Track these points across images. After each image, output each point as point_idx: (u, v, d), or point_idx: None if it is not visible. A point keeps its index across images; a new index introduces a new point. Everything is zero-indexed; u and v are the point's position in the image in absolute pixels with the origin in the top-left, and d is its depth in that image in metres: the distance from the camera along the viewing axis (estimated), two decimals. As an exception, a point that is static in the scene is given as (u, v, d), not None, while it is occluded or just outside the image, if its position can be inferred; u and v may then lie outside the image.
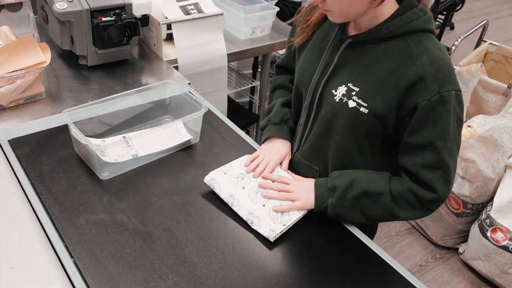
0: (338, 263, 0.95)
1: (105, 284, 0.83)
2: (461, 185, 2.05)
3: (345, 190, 0.98)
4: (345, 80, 0.97)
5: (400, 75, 0.91)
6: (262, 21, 1.95)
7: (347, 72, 0.98)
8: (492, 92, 2.24)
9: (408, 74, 0.90)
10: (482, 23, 2.48)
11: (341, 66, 0.99)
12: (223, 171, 1.07)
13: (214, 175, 1.06)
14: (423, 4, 0.93)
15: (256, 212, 0.99)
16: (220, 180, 1.05)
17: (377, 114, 0.94)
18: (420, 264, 2.17)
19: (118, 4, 1.44)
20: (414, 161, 0.95)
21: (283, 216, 0.99)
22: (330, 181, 1.01)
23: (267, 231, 0.96)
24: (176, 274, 0.87)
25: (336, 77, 0.99)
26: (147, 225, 0.96)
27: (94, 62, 1.50)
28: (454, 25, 4.77)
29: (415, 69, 0.89)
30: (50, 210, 0.96)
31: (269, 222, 0.98)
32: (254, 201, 1.01)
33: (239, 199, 1.01)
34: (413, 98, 0.90)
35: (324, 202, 1.00)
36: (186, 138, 1.19)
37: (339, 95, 0.98)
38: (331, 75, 1.00)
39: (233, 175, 1.06)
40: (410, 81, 0.89)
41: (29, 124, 1.21)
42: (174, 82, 1.25)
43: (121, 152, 1.11)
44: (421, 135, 0.92)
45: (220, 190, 1.03)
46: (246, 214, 0.99)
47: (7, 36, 1.37)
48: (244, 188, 1.04)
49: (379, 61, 0.93)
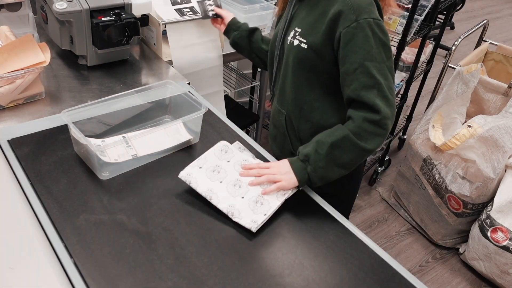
0: (338, 263, 0.95)
1: (104, 284, 0.83)
2: (462, 185, 2.05)
3: (315, 153, 1.07)
4: (294, 26, 1.19)
5: (327, 13, 1.10)
6: (262, 21, 1.95)
7: (296, 20, 1.19)
8: (492, 92, 2.24)
9: (332, 10, 1.08)
10: (482, 23, 2.48)
11: (293, 18, 1.21)
12: (198, 165, 1.07)
13: (189, 170, 1.06)
14: None
15: (236, 205, 1.00)
16: (196, 175, 1.05)
17: (314, 47, 1.12)
18: (420, 264, 2.17)
19: (117, 4, 1.44)
20: (353, 86, 1.07)
21: (263, 206, 1.01)
22: (300, 154, 1.10)
23: (248, 222, 0.97)
24: (176, 274, 0.87)
25: (290, 26, 1.21)
26: (147, 225, 0.96)
27: (94, 62, 1.50)
28: (454, 25, 4.77)
29: (336, 6, 1.08)
30: (49, 210, 0.96)
31: (249, 213, 0.99)
32: (233, 194, 1.02)
33: (218, 193, 1.02)
34: (336, 30, 1.07)
35: (304, 174, 1.07)
36: (186, 138, 1.19)
37: (290, 39, 1.18)
38: (287, 26, 1.22)
39: (208, 169, 1.06)
40: (333, 15, 1.07)
41: (28, 124, 1.20)
42: (174, 82, 1.25)
43: (120, 152, 1.11)
44: (350, 61, 1.06)
45: (197, 185, 1.03)
46: (226, 207, 1.00)
47: (6, 36, 1.37)
48: (221, 182, 1.04)
49: (314, 7, 1.14)
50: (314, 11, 1.14)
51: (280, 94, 1.27)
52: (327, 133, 1.10)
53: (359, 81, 1.06)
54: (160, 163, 1.14)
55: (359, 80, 1.06)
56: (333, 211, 1.07)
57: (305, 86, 1.19)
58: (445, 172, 2.10)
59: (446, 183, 2.10)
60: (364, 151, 1.07)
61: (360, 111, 1.07)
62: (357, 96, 1.07)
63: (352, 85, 1.07)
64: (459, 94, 2.17)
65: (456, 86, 2.18)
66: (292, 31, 1.18)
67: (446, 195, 2.12)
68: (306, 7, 1.17)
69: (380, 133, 1.07)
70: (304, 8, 1.17)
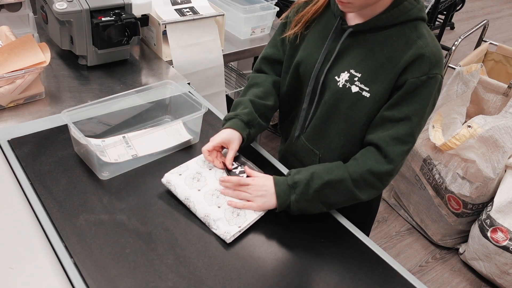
0: (338, 263, 0.95)
1: (104, 284, 0.83)
2: (461, 185, 2.05)
3: (306, 184, 0.99)
4: (348, 66, 1.03)
5: (398, 59, 0.98)
6: (262, 21, 1.95)
7: (349, 59, 1.03)
8: (492, 92, 2.24)
9: (405, 57, 0.97)
10: (482, 23, 2.48)
11: (343, 54, 1.04)
12: (178, 172, 1.06)
13: (169, 177, 1.05)
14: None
15: (212, 214, 0.98)
16: (176, 182, 1.03)
17: (378, 97, 1.00)
18: (420, 264, 2.17)
19: (117, 4, 1.44)
20: (387, 133, 0.99)
21: (238, 217, 0.98)
22: (290, 178, 1.02)
23: (222, 233, 0.95)
24: (176, 274, 0.87)
25: (338, 64, 1.05)
26: (147, 225, 0.96)
27: (94, 62, 1.50)
28: (454, 25, 4.77)
29: (411, 52, 0.97)
30: (49, 210, 0.96)
31: (224, 223, 0.96)
32: (209, 203, 1.00)
33: (195, 201, 1.00)
34: (404, 76, 0.97)
35: (286, 200, 1.00)
36: (186, 138, 1.19)
37: (342, 81, 1.03)
38: (334, 62, 1.05)
39: (188, 176, 1.05)
40: (407, 62, 0.97)
41: (28, 124, 1.20)
42: (174, 82, 1.25)
43: (121, 152, 1.11)
44: (400, 109, 0.98)
45: (176, 192, 1.03)
46: (203, 217, 0.98)
47: (6, 36, 1.37)
48: (199, 190, 1.02)
49: (378, 48, 1.00)
50: (377, 53, 1.00)
51: (315, 134, 1.13)
52: (326, 168, 1.02)
53: (396, 131, 0.98)
54: (160, 163, 1.14)
55: (397, 130, 0.98)
56: (333, 211, 1.07)
57: (358, 133, 1.06)
58: (445, 172, 2.10)
59: (446, 183, 2.10)
60: (355, 199, 1.01)
61: (371, 158, 1.00)
62: (385, 145, 0.99)
63: (386, 132, 0.99)
64: (459, 94, 2.17)
65: (456, 86, 2.18)
66: (345, 73, 1.03)
67: (446, 195, 2.12)
68: (364, 46, 1.02)
69: (378, 187, 1.02)
70: (361, 47, 1.02)
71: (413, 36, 0.98)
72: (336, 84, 1.04)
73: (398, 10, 0.98)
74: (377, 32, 1.00)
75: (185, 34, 1.64)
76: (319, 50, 1.07)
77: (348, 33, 1.02)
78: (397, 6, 0.98)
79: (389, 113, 1.00)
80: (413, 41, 0.98)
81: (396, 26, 0.99)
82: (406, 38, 0.98)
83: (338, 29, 1.05)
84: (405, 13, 0.98)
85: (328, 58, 1.06)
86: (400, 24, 0.99)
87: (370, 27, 1.00)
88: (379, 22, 0.99)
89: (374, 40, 1.01)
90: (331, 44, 1.06)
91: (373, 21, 0.99)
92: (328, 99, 1.06)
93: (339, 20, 1.04)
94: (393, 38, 0.99)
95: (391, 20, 0.98)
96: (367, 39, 1.01)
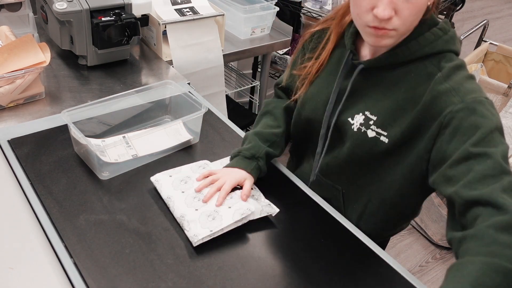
0: (338, 263, 0.95)
1: (105, 284, 0.83)
2: (461, 185, 2.05)
3: None
4: (361, 108, 0.91)
5: (418, 98, 0.84)
6: (262, 21, 1.95)
7: (363, 99, 0.92)
8: (492, 92, 2.24)
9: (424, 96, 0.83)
10: (482, 23, 2.48)
11: (355, 93, 0.92)
12: (169, 173, 1.06)
13: (159, 176, 1.05)
14: (445, 22, 0.86)
15: (187, 216, 0.96)
16: (163, 181, 1.03)
17: (398, 142, 0.87)
18: (420, 264, 2.17)
19: (117, 4, 1.44)
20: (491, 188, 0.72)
21: (214, 221, 0.95)
22: None
23: (191, 236, 0.93)
24: (176, 274, 0.87)
25: (351, 105, 0.93)
26: (147, 225, 0.96)
27: (94, 62, 1.50)
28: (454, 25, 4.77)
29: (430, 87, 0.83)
30: (49, 210, 0.96)
31: (196, 226, 0.94)
32: (188, 205, 0.98)
33: (175, 201, 0.99)
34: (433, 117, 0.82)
35: None
36: (186, 138, 1.19)
37: (357, 125, 0.92)
38: (346, 103, 0.94)
39: (177, 178, 1.04)
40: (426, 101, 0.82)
41: (28, 124, 1.20)
42: (174, 82, 1.25)
43: (121, 152, 1.11)
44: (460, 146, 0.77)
45: (160, 191, 1.03)
46: (178, 217, 0.97)
47: (6, 36, 1.37)
48: (183, 192, 1.01)
49: (395, 87, 0.87)
50: (393, 93, 0.87)
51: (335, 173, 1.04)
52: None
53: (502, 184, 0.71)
54: (160, 163, 1.14)
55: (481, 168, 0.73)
56: (333, 211, 1.07)
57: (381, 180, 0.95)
58: (445, 172, 2.09)
59: (446, 183, 2.09)
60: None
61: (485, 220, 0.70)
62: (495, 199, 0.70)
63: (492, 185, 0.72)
64: (459, 94, 2.17)
65: (456, 86, 2.18)
66: (360, 115, 0.91)
67: (446, 195, 2.12)
68: (378, 85, 0.89)
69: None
70: (375, 85, 0.90)
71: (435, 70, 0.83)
72: (350, 128, 0.93)
73: (417, 43, 0.84)
74: (394, 69, 0.87)
75: (185, 34, 1.64)
76: (329, 89, 0.96)
77: (360, 69, 0.90)
78: (416, 38, 0.84)
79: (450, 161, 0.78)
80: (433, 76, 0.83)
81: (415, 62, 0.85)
82: (428, 74, 0.84)
83: (348, 64, 0.92)
84: (426, 46, 0.84)
85: (340, 98, 0.93)
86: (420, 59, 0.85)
87: (384, 63, 0.87)
88: (394, 58, 0.86)
89: (391, 78, 0.88)
90: (342, 82, 0.94)
91: (387, 57, 0.86)
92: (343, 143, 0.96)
93: (349, 54, 0.92)
94: (411, 75, 0.85)
95: (407, 55, 0.85)
96: (382, 76, 0.89)
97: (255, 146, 1.06)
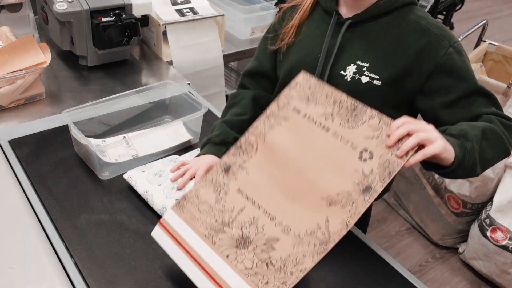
0: (338, 263, 0.95)
1: (105, 284, 0.83)
2: (461, 184, 2.05)
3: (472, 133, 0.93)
4: (352, 59, 1.01)
5: (406, 43, 0.97)
6: (262, 21, 1.95)
7: (352, 51, 1.01)
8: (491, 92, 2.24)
9: (413, 41, 0.97)
10: (481, 23, 2.48)
11: (344, 47, 1.02)
12: (141, 169, 1.06)
13: (131, 173, 1.05)
14: None
15: (169, 207, 0.95)
16: (137, 177, 1.04)
17: (390, 83, 0.98)
18: (420, 264, 2.17)
19: (118, 5, 1.44)
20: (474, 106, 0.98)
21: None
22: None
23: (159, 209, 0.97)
24: (176, 274, 0.87)
25: (342, 59, 1.02)
26: (147, 225, 0.96)
27: (94, 63, 1.50)
28: (454, 25, 4.77)
29: (418, 35, 0.97)
30: (50, 210, 0.97)
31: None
32: (167, 196, 1.00)
33: (153, 194, 1.00)
34: (429, 61, 0.96)
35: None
36: (186, 138, 1.19)
37: (350, 74, 1.01)
38: (336, 57, 1.02)
39: (151, 173, 1.05)
40: (419, 47, 0.96)
41: (29, 125, 1.21)
42: (174, 82, 1.25)
43: (121, 152, 1.11)
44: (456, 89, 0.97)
45: (136, 186, 1.03)
46: (159, 209, 0.98)
47: (7, 36, 1.37)
48: (160, 185, 1.02)
49: (381, 36, 1.00)
50: (381, 41, 1.00)
51: None
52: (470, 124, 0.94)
53: (478, 101, 0.99)
54: (160, 163, 1.14)
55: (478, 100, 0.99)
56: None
57: None
58: (444, 172, 2.10)
59: (445, 183, 2.10)
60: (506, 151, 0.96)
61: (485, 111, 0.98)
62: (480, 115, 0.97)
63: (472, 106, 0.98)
64: (459, 94, 2.17)
65: (456, 86, 2.18)
66: (352, 65, 1.01)
67: (445, 195, 2.12)
68: (365, 36, 1.01)
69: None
70: (362, 37, 1.01)
71: (412, 19, 0.99)
72: (343, 79, 1.01)
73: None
74: (376, 21, 1.00)
75: (185, 35, 1.64)
76: (316, 49, 1.05)
77: (347, 25, 1.01)
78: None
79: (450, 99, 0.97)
80: (416, 24, 0.98)
81: (393, 13, 1.00)
82: (407, 22, 0.99)
83: (334, 23, 1.03)
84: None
85: (330, 54, 1.03)
86: (396, 10, 0.99)
87: (369, 16, 1.00)
88: (377, 10, 0.99)
89: (374, 29, 1.00)
90: (329, 41, 1.03)
91: (372, 9, 0.99)
92: None
93: (335, 15, 1.03)
94: (393, 24, 0.99)
95: (388, 5, 0.99)
96: (366, 29, 1.01)
97: (224, 132, 1.09)
